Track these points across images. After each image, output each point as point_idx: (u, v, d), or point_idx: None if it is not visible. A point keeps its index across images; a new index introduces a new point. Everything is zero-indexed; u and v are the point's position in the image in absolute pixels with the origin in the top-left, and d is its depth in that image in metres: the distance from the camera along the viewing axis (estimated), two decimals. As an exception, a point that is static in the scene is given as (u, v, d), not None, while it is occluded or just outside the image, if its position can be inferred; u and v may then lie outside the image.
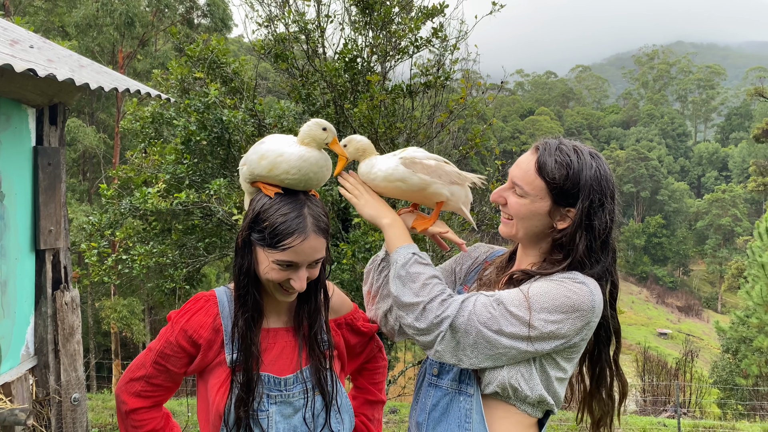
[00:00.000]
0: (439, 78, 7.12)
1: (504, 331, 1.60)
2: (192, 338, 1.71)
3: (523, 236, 1.78)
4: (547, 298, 1.61)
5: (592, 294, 1.64)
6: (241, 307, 1.71)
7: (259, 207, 1.68)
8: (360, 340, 1.97)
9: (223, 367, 1.71)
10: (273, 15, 7.89)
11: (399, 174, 1.83)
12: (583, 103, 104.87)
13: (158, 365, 1.74)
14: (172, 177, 7.80)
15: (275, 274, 1.67)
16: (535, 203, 1.71)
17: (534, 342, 1.61)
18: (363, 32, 7.36)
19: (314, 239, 1.66)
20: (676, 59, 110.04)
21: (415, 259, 1.74)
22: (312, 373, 1.76)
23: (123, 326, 21.00)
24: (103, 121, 27.58)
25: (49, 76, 2.39)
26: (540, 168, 1.69)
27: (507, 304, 1.62)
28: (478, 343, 1.61)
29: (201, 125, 7.72)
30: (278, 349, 1.76)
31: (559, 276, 1.68)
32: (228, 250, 8.55)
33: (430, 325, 1.64)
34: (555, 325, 1.61)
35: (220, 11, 22.93)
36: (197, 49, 7.98)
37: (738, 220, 66.45)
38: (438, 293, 1.66)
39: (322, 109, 7.43)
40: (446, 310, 1.63)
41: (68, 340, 3.00)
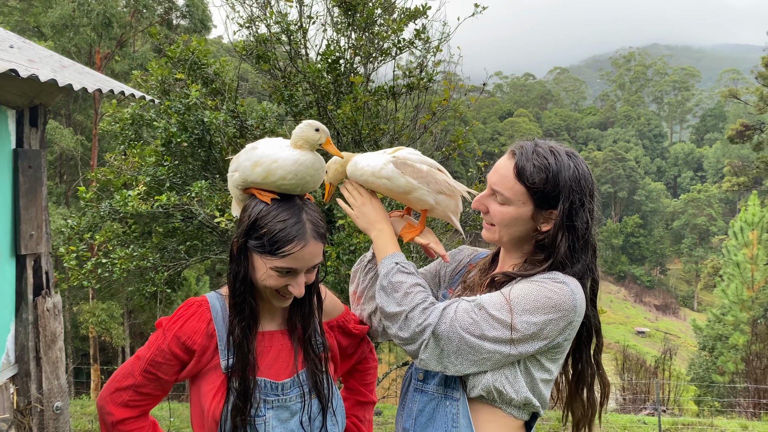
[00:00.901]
0: (422, 80, 7.12)
1: (486, 335, 1.60)
2: (185, 345, 1.68)
3: (507, 241, 1.78)
4: (528, 300, 1.61)
5: (573, 293, 1.63)
6: (237, 315, 1.68)
7: (256, 213, 1.66)
8: (351, 342, 1.97)
9: (217, 372, 1.68)
10: (254, 16, 7.83)
11: (386, 172, 1.83)
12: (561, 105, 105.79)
13: (148, 374, 1.69)
14: (152, 179, 7.69)
15: (273, 281, 1.65)
16: (518, 209, 1.71)
17: (517, 345, 1.61)
18: (345, 33, 7.33)
19: (313, 245, 1.65)
20: (652, 61, 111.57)
21: (398, 269, 1.73)
22: (308, 376, 1.75)
23: (102, 330, 20.71)
24: (80, 123, 27.18)
25: (31, 76, 2.34)
26: (519, 173, 1.68)
27: (488, 308, 1.61)
28: (461, 349, 1.61)
29: (182, 127, 7.63)
30: (274, 352, 1.74)
31: (539, 277, 1.67)
32: (209, 253, 8.47)
33: (413, 334, 1.64)
34: (537, 326, 1.60)
35: (199, 12, 22.73)
36: (178, 49, 7.88)
37: (713, 220, 67.50)
38: (420, 301, 1.66)
39: (305, 110, 7.38)
40: (428, 318, 1.62)
41: (50, 347, 2.93)
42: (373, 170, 1.84)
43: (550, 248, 1.70)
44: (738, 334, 21.40)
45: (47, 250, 3.00)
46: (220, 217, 6.94)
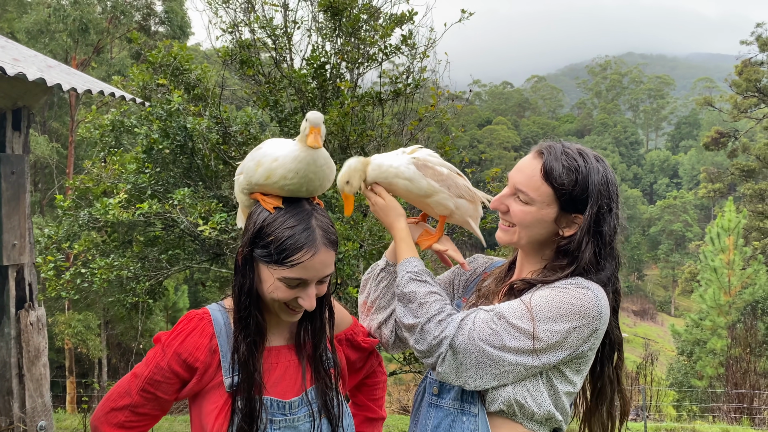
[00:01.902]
0: (408, 85, 7.07)
1: (507, 346, 1.52)
2: (187, 362, 1.56)
3: (525, 243, 1.70)
4: (550, 307, 1.53)
5: (597, 299, 1.56)
6: (242, 331, 1.56)
7: (262, 220, 1.54)
8: (360, 356, 1.87)
9: (220, 390, 1.56)
10: (238, 21, 7.72)
11: (409, 173, 1.75)
12: (539, 113, 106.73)
13: (146, 393, 1.57)
14: (133, 187, 7.52)
15: (282, 293, 1.53)
16: (542, 210, 1.64)
17: (540, 355, 1.53)
18: (331, 39, 7.25)
19: (324, 253, 1.54)
20: (628, 70, 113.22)
21: (410, 277, 1.65)
22: (317, 394, 1.63)
23: (78, 342, 20.26)
24: (56, 130, 26.71)
25: (18, 75, 2.21)
26: (547, 173, 1.61)
27: (508, 317, 1.53)
28: (481, 362, 1.52)
29: (164, 133, 7.48)
30: (281, 369, 1.63)
31: (561, 283, 1.60)
32: (192, 262, 8.31)
33: (429, 346, 1.56)
34: (561, 334, 1.52)
35: (178, 19, 22.49)
36: (159, 55, 7.75)
37: (689, 226, 68.45)
38: (436, 312, 1.58)
39: (290, 116, 7.28)
40: (444, 329, 1.54)
41: (34, 363, 2.77)
42: (396, 171, 1.76)
43: (575, 253, 1.63)
44: (716, 338, 21.61)
45: (31, 261, 2.84)
46: (203, 225, 6.79)
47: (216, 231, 6.82)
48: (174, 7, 22.62)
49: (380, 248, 6.53)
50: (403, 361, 7.73)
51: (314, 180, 1.57)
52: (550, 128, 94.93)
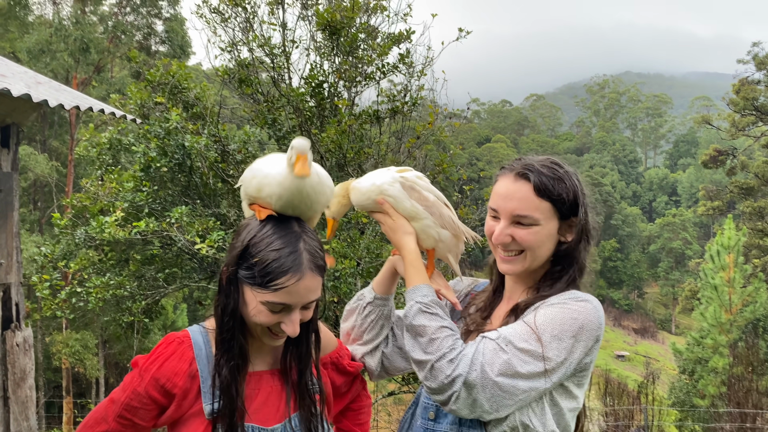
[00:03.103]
0: (406, 103, 7.08)
1: (520, 372, 1.49)
2: (165, 388, 1.49)
3: (537, 265, 1.69)
4: (554, 324, 1.53)
5: (596, 310, 1.58)
6: (224, 353, 1.50)
7: (249, 239, 1.48)
8: (346, 380, 1.81)
9: (200, 418, 1.50)
10: (237, 40, 7.76)
11: (393, 191, 1.71)
12: (538, 131, 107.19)
13: (123, 419, 1.51)
14: (130, 205, 7.50)
15: (264, 317, 1.47)
16: (546, 226, 1.65)
17: (551, 374, 1.51)
18: (329, 58, 7.28)
19: (310, 278, 1.48)
20: (626, 88, 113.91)
21: (419, 309, 1.60)
22: (301, 421, 1.57)
23: (75, 361, 20.10)
24: (56, 149, 26.77)
25: (2, 90, 2.18)
26: (540, 190, 1.63)
27: (516, 342, 1.51)
28: (495, 395, 1.49)
29: (161, 151, 7.48)
30: (263, 395, 1.56)
31: (559, 298, 1.60)
32: (189, 281, 8.25)
33: (441, 385, 1.51)
34: (567, 350, 1.52)
35: (178, 38, 22.64)
36: (158, 73, 7.77)
37: (688, 243, 68.38)
38: (447, 350, 1.53)
39: (289, 134, 7.29)
40: (457, 368, 1.50)
41: (19, 385, 2.71)
42: (379, 188, 1.71)
43: (571, 256, 1.68)
44: (717, 357, 21.46)
45: (18, 280, 2.79)
46: (200, 243, 6.75)
47: (213, 249, 6.79)
48: (174, 27, 22.78)
49: (377, 266, 6.49)
50: (402, 381, 7.65)
51: (299, 206, 1.53)
52: (549, 146, 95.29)
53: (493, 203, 1.70)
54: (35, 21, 23.82)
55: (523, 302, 1.65)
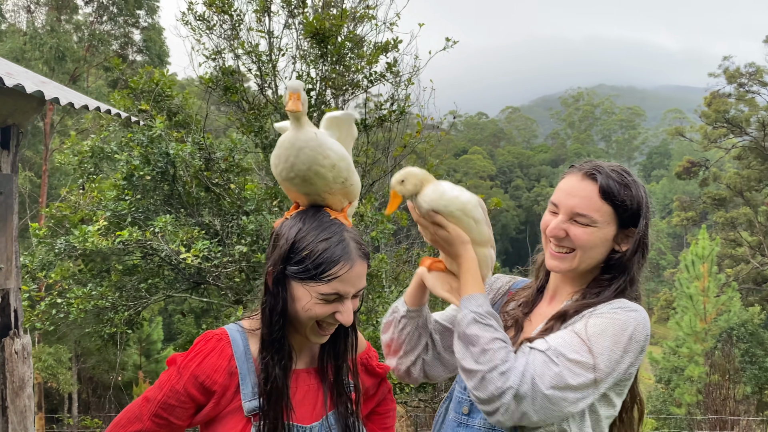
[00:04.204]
0: (393, 112, 7.08)
1: (571, 384, 1.48)
2: (204, 385, 1.47)
3: (584, 268, 1.68)
4: (606, 336, 1.52)
5: (645, 320, 1.58)
6: (276, 353, 1.49)
7: (293, 236, 1.48)
8: (374, 382, 1.80)
9: (239, 416, 1.48)
10: (221, 48, 7.70)
11: (478, 213, 1.66)
12: (514, 143, 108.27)
13: (159, 418, 1.48)
14: (112, 214, 7.37)
15: (320, 309, 1.47)
16: (603, 230, 1.64)
17: (599, 385, 1.51)
18: (316, 65, 7.26)
19: (360, 266, 1.49)
20: (600, 101, 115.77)
21: (473, 318, 1.57)
22: (337, 419, 1.57)
23: (48, 376, 19.62)
24: (29, 159, 26.27)
25: (17, 86, 2.11)
26: (605, 193, 1.62)
27: (567, 353, 1.50)
28: (544, 407, 1.48)
29: (145, 159, 7.37)
30: (301, 393, 1.56)
31: (609, 308, 1.59)
32: (172, 291, 8.12)
33: (491, 396, 1.49)
34: (616, 362, 1.52)
35: (156, 47, 22.45)
36: (141, 80, 7.67)
37: (662, 254, 69.44)
38: (499, 362, 1.50)
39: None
40: (507, 380, 1.48)
41: (18, 394, 2.61)
42: (463, 205, 1.64)
43: (624, 267, 1.66)
44: (693, 365, 21.75)
45: (17, 286, 2.70)
46: (185, 253, 6.65)
47: (198, 259, 6.69)
48: (152, 36, 22.59)
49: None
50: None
51: (297, 164, 1.47)
52: (525, 158, 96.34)
53: (554, 197, 1.69)
54: (8, 29, 23.44)
55: (571, 309, 1.64)
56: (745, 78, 30.31)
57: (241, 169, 7.85)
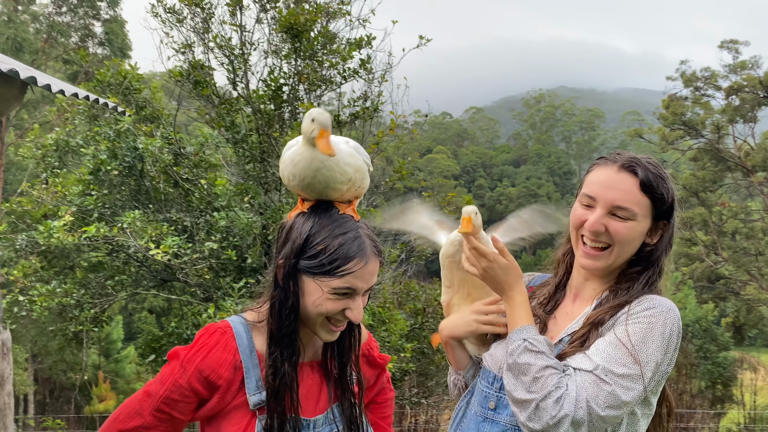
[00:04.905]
0: (367, 109, 7.07)
1: (625, 401, 1.47)
2: (209, 380, 1.44)
3: (618, 264, 1.65)
4: (648, 343, 1.50)
5: (678, 317, 1.56)
6: (286, 348, 1.47)
7: (307, 231, 1.46)
8: (374, 372, 1.80)
9: (244, 410, 1.45)
10: (191, 41, 7.57)
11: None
12: (477, 143, 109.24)
13: (161, 413, 1.44)
14: (78, 209, 7.18)
15: (330, 305, 1.46)
16: (641, 223, 1.61)
17: (646, 391, 1.51)
18: (289, 61, 7.20)
19: (374, 263, 1.48)
20: (561, 103, 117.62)
21: (525, 347, 1.55)
22: (341, 412, 1.56)
23: (3, 377, 19.00)
24: (-19, 154, 25.38)
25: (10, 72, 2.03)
26: (645, 186, 1.59)
27: (615, 369, 1.48)
28: (599, 427, 1.48)
29: (112, 154, 7.21)
30: (305, 387, 1.54)
31: (642, 309, 1.56)
32: (140, 288, 7.97)
33: (546, 426, 1.46)
34: (658, 364, 1.51)
35: (118, 40, 21.92)
36: (108, 73, 7.49)
37: (620, 253, 71.02)
38: (552, 389, 1.48)
39: (247, 137, 7.15)
40: (562, 408, 1.46)
41: (-3, 390, 2.53)
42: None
43: (653, 259, 1.65)
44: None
45: (-2, 279, 2.61)
46: (155, 249, 6.53)
47: (168, 255, 6.58)
48: (114, 29, 22.04)
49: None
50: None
51: (314, 183, 1.47)
52: (488, 158, 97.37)
53: (590, 191, 1.63)
54: (-39, 18, 22.59)
55: (607, 315, 1.60)
56: (701, 82, 31.19)
57: (209, 164, 7.75)
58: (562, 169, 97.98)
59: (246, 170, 7.43)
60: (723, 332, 29.93)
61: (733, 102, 29.86)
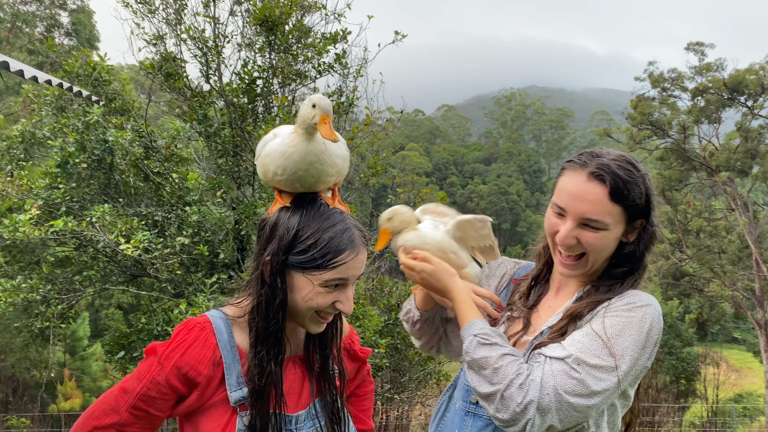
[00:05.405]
0: (342, 104, 7.04)
1: (595, 390, 1.47)
2: (188, 376, 1.41)
3: (596, 269, 1.65)
4: (624, 336, 1.50)
5: (659, 313, 1.56)
6: (273, 347, 1.45)
7: (295, 225, 1.43)
8: (354, 366, 1.80)
9: (224, 406, 1.43)
10: (163, 33, 7.43)
11: (454, 246, 1.77)
12: (449, 141, 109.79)
13: (138, 410, 1.41)
14: (45, 203, 7.00)
15: (321, 299, 1.44)
16: (614, 231, 1.59)
17: (621, 384, 1.51)
18: (263, 54, 7.12)
19: (363, 253, 1.48)
20: (531, 102, 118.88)
21: (477, 341, 1.56)
22: (323, 407, 1.55)
23: (-37, 375, 18.51)
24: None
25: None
26: (615, 195, 1.55)
27: (588, 359, 1.48)
28: (570, 415, 1.47)
29: (80, 146, 7.04)
30: (288, 382, 1.52)
31: (621, 302, 1.56)
32: (109, 284, 7.81)
33: (513, 414, 1.46)
34: (635, 359, 1.51)
35: (86, 31, 21.44)
36: (76, 64, 7.31)
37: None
38: (513, 375, 1.48)
39: (219, 130, 7.06)
40: (527, 394, 1.46)
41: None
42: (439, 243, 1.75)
43: (634, 257, 1.63)
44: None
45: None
46: (125, 244, 6.40)
47: (138, 250, 6.46)
48: (82, 19, 21.55)
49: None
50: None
51: (305, 177, 1.45)
52: (459, 155, 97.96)
53: (561, 201, 1.61)
54: None
55: (585, 309, 1.60)
56: (668, 83, 31.81)
57: (181, 158, 7.62)
58: (532, 168, 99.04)
59: (218, 164, 7.33)
60: (687, 328, 30.67)
61: (699, 103, 30.51)
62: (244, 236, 7.03)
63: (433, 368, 8.59)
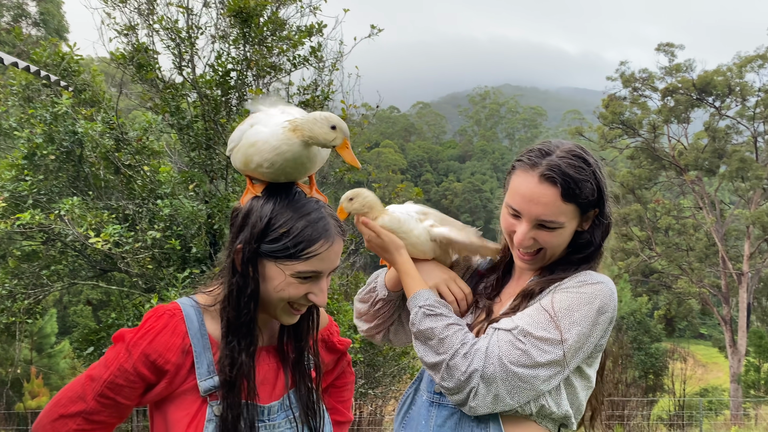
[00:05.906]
0: (317, 97, 7.00)
1: (539, 362, 1.47)
2: (156, 364, 1.37)
3: (554, 260, 1.68)
4: (572, 310, 1.51)
5: (612, 292, 1.57)
6: (244, 337, 1.41)
7: (268, 213, 1.40)
8: (333, 357, 1.77)
9: (194, 395, 1.40)
10: (135, 23, 7.30)
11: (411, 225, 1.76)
12: (424, 138, 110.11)
13: (105, 398, 1.37)
14: (11, 195, 6.84)
15: (293, 290, 1.41)
16: (569, 226, 1.62)
17: (570, 361, 1.51)
18: (237, 46, 7.04)
19: (338, 243, 1.45)
20: (505, 100, 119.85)
21: (423, 312, 1.57)
22: (297, 398, 1.52)
23: (-75, 373, 18.02)
24: None
25: None
26: (567, 195, 1.56)
27: (534, 331, 1.49)
28: (515, 387, 1.47)
29: (48, 138, 6.89)
30: (261, 372, 1.49)
31: (575, 281, 1.58)
32: (78, 279, 7.66)
33: (458, 383, 1.48)
34: (585, 335, 1.51)
35: (55, 21, 20.99)
36: (44, 54, 7.15)
37: (560, 247, 73.05)
38: (458, 345, 1.50)
39: (192, 123, 6.96)
40: (472, 362, 1.47)
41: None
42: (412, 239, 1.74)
43: (590, 244, 1.66)
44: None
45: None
46: (95, 237, 6.28)
47: (109, 244, 6.35)
48: (50, 9, 21.10)
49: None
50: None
51: (291, 173, 1.45)
52: (434, 153, 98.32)
53: (514, 203, 1.61)
54: None
55: (538, 286, 1.62)
56: (639, 83, 32.32)
57: (153, 151, 7.51)
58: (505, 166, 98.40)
59: (191, 157, 7.23)
60: (655, 324, 31.26)
61: (669, 103, 31.06)
62: (216, 230, 6.96)
63: (407, 363, 8.62)
